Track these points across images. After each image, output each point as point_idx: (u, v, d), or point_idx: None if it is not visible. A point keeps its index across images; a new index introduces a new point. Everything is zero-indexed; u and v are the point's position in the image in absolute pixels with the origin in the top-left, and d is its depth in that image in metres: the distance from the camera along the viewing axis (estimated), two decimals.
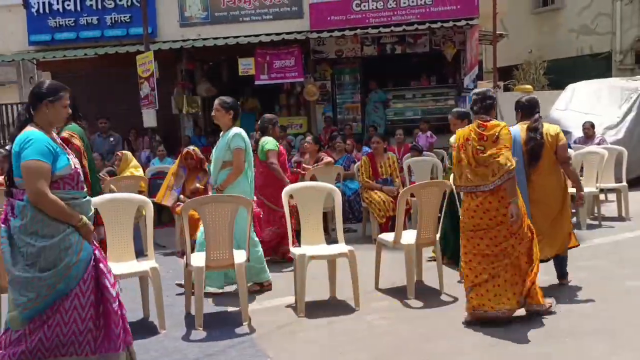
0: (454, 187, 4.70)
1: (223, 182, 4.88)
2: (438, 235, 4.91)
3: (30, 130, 3.06)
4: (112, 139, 9.98)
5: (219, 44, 11.07)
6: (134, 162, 7.28)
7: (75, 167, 3.14)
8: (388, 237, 4.93)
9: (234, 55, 11.48)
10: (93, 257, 3.13)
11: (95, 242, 3.21)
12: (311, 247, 4.62)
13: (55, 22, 11.82)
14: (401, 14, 11.12)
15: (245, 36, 11.24)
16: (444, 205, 4.96)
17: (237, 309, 4.32)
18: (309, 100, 12.28)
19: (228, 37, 11.24)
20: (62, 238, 3.03)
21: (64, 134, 4.75)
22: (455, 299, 4.59)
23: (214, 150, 5.14)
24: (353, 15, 11.21)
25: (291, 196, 4.89)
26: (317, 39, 11.54)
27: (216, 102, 5.03)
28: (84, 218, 3.11)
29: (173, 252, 6.70)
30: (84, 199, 3.18)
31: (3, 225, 3.08)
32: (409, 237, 4.84)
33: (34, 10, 11.85)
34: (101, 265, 3.17)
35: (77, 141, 4.88)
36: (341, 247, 4.62)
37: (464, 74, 11.55)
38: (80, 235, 3.09)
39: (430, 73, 12.70)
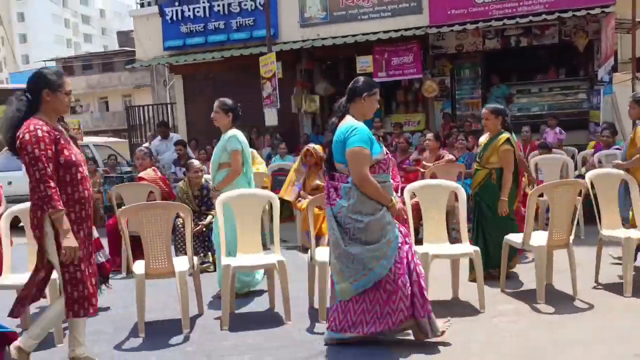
0: None
1: (220, 183, 4.87)
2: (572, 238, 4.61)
3: (352, 122, 3.54)
4: None
5: (338, 43, 11.22)
6: (259, 159, 7.58)
7: (387, 153, 3.60)
8: (517, 238, 4.71)
9: (351, 53, 11.59)
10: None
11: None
12: (434, 246, 4.53)
13: (187, 28, 12.64)
14: (527, 4, 10.58)
15: (364, 34, 11.29)
16: (578, 206, 4.66)
17: None
18: (427, 97, 12.07)
19: (346, 36, 11.36)
20: (382, 214, 3.47)
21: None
22: (591, 306, 4.29)
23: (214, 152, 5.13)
24: (475, 8, 10.85)
25: (414, 194, 4.83)
26: (437, 34, 11.31)
27: (216, 104, 5.10)
28: (394, 199, 3.55)
29: (295, 246, 6.91)
30: (389, 183, 3.60)
31: (328, 206, 3.57)
32: (539, 238, 4.59)
33: (168, 18, 12.76)
34: (406, 246, 3.58)
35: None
36: (465, 247, 4.49)
37: (598, 65, 10.74)
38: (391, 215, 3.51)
39: (559, 65, 11.96)
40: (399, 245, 3.54)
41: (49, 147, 3.10)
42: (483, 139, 5.29)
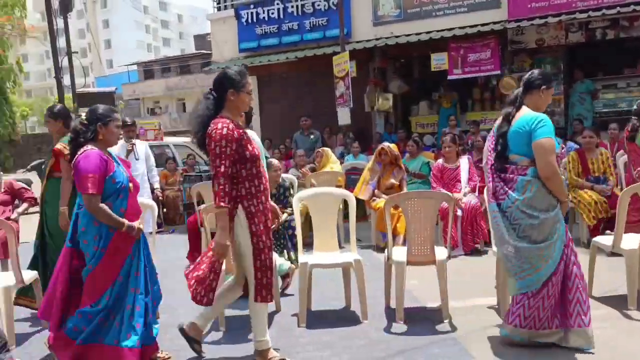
0: None
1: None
2: None
3: (534, 113, 3.49)
4: (312, 136, 10.55)
5: (412, 41, 11.07)
6: (334, 158, 7.62)
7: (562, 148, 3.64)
8: (606, 240, 4.47)
9: (426, 51, 11.40)
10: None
11: None
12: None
13: (261, 29, 12.88)
14: None
15: (438, 31, 11.07)
16: None
17: (437, 305, 4.28)
18: (505, 94, 11.67)
19: (420, 33, 11.19)
20: (557, 212, 3.43)
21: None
22: None
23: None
24: (557, 0, 10.39)
25: None
26: (516, 28, 10.92)
27: None
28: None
29: (368, 245, 6.88)
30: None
31: (493, 202, 3.56)
32: (631, 241, 4.33)
33: (243, 20, 13.06)
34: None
35: None
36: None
37: None
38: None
39: None
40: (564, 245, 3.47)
41: (230, 145, 3.26)
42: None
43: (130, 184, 3.51)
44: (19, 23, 24.73)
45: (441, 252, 4.28)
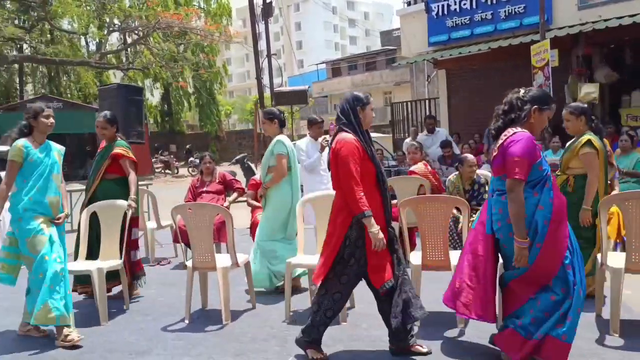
0: None
1: (268, 182, 5.14)
2: None
3: None
4: None
5: (625, 24, 9.93)
6: None
7: None
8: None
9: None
10: None
11: None
12: None
13: (452, 22, 12.59)
14: None
15: None
16: None
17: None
18: None
19: (635, 15, 9.98)
20: None
21: None
22: None
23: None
24: None
25: None
26: None
27: (261, 114, 5.42)
28: None
29: None
30: None
31: None
32: (617, 259, 3.50)
33: (434, 13, 12.89)
34: None
35: None
36: None
37: None
38: None
39: None
40: None
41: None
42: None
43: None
44: (225, 30, 27.39)
45: None
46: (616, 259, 3.96)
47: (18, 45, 26.42)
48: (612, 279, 3.86)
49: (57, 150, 4.37)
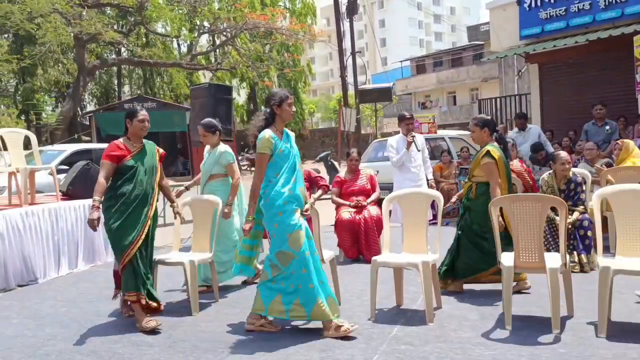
0: None
1: (230, 199, 5.31)
2: None
3: None
4: (607, 127, 9.36)
5: None
6: (637, 151, 6.65)
7: None
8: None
9: None
10: None
11: None
12: None
13: (546, 13, 12.00)
14: None
15: None
16: None
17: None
18: None
19: None
20: None
21: None
22: None
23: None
24: None
25: None
26: None
27: (200, 128, 5.53)
28: None
29: None
30: None
31: None
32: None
33: (526, 5, 12.35)
34: None
35: None
36: None
37: None
38: None
39: None
40: None
41: None
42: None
43: None
44: (310, 29, 27.70)
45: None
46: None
47: (117, 49, 28.07)
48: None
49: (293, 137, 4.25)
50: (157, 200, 4.60)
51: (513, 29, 12.74)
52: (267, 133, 3.95)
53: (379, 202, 6.25)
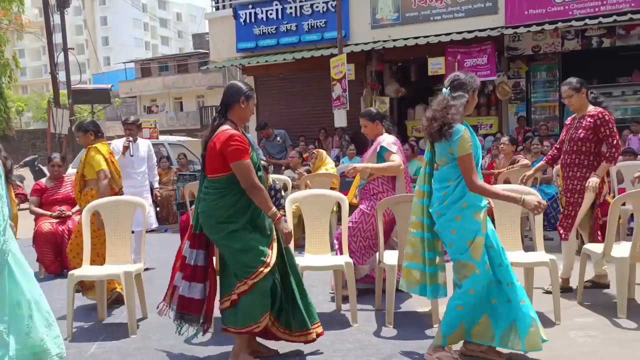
0: None
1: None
2: None
3: None
4: (278, 138, 11.05)
5: (409, 44, 11.09)
6: (329, 160, 7.59)
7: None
8: (596, 248, 4.47)
9: (423, 55, 11.43)
10: None
11: None
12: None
13: (259, 30, 12.88)
14: (611, 3, 10.07)
15: (436, 35, 11.11)
16: None
17: (427, 309, 4.27)
18: (501, 100, 11.72)
19: (418, 37, 11.22)
20: None
21: None
22: None
23: None
24: (554, 7, 10.45)
25: None
26: (513, 35, 10.97)
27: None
28: None
29: None
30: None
31: None
32: (622, 249, 4.34)
33: (241, 20, 13.05)
34: None
35: None
36: (541, 256, 4.31)
37: None
38: None
39: None
40: None
41: None
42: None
43: None
44: (16, 18, 24.60)
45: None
46: (390, 257, 4.39)
47: None
48: (388, 273, 4.26)
49: None
50: None
51: (231, 41, 13.35)
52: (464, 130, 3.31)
53: None
